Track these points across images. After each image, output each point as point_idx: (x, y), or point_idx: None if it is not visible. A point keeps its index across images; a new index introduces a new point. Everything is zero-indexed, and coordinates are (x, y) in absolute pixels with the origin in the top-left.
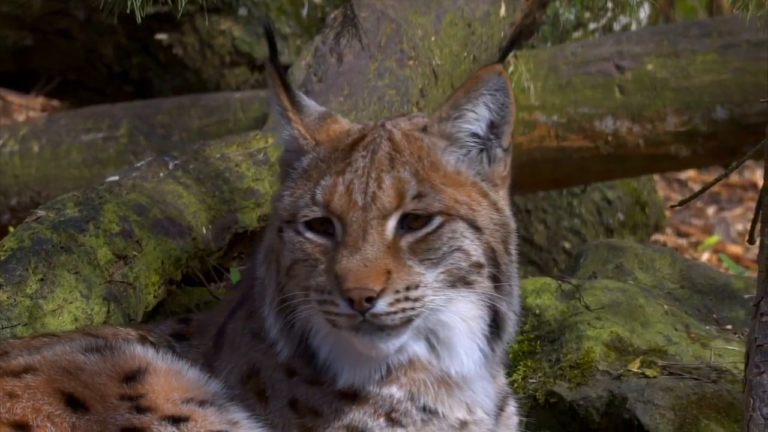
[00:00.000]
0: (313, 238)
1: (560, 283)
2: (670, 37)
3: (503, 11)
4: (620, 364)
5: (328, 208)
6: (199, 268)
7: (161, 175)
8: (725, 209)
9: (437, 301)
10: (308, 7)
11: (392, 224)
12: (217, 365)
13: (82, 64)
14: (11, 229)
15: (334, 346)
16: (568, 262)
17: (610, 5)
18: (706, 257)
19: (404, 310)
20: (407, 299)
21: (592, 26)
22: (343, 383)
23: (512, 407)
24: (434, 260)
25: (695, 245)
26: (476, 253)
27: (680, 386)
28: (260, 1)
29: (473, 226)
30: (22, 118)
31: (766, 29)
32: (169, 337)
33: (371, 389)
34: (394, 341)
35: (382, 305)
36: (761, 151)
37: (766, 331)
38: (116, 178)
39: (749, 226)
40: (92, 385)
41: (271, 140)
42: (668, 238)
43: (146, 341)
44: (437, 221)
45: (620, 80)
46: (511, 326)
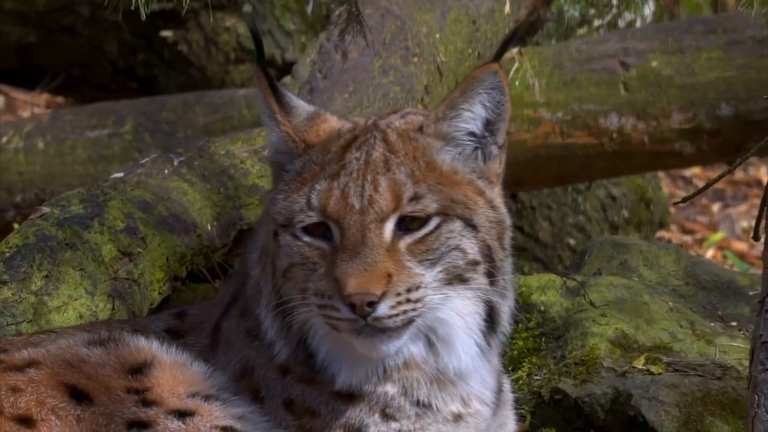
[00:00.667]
0: (310, 241)
1: (565, 279)
2: (674, 34)
3: (508, 8)
4: (625, 360)
5: (324, 213)
6: (204, 264)
7: (166, 171)
8: (730, 206)
9: (436, 299)
10: (313, 4)
11: (390, 227)
12: (213, 363)
13: (86, 60)
14: (16, 225)
15: (332, 347)
16: (572, 258)
17: (614, 2)
18: (710, 254)
19: (406, 311)
20: (408, 301)
21: (596, 23)
22: (341, 384)
23: (506, 385)
24: (432, 260)
25: (700, 242)
26: (473, 251)
27: (685, 383)
28: None
29: (470, 224)
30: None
31: None
32: (164, 333)
33: (367, 388)
34: (395, 342)
35: (383, 309)
36: (766, 147)
37: None
38: (121, 174)
39: (754, 223)
40: (96, 376)
41: None
42: (673, 235)
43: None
44: (435, 222)
45: (625, 77)
46: (506, 320)
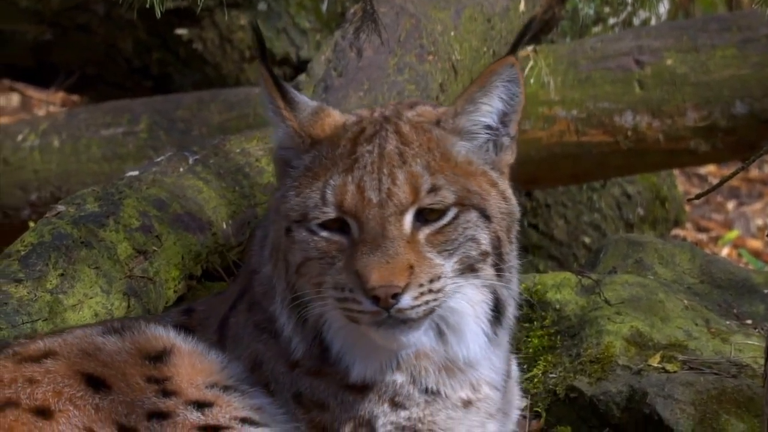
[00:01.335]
0: (327, 236)
1: (580, 278)
2: (689, 31)
3: (523, 6)
4: (640, 358)
5: (341, 208)
6: (219, 263)
7: (181, 170)
8: (745, 204)
9: (453, 289)
10: (328, 2)
11: (409, 219)
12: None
13: (101, 59)
14: (31, 224)
15: (346, 340)
16: (588, 257)
17: (629, 0)
18: (726, 252)
19: (428, 302)
20: (430, 291)
21: (611, 21)
22: (355, 377)
23: (514, 365)
24: (450, 250)
25: (715, 240)
26: (485, 242)
27: (700, 381)
28: None
29: (484, 215)
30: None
31: None
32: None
33: (378, 379)
34: (414, 333)
35: (407, 300)
36: None
37: None
38: (136, 173)
39: None
40: (112, 363)
41: None
42: (688, 233)
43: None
44: (452, 212)
45: (640, 75)
46: (510, 312)
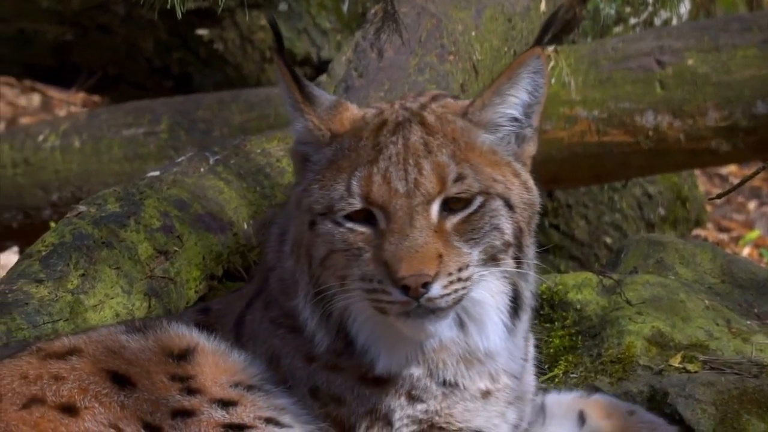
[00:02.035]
0: (353, 227)
1: (601, 278)
2: (710, 32)
3: (543, 6)
4: (661, 359)
5: (367, 199)
6: (240, 263)
7: (202, 170)
8: (766, 204)
9: (478, 279)
10: (349, 2)
11: (436, 208)
12: None
13: (122, 59)
14: (52, 224)
15: (372, 332)
16: (609, 257)
17: (650, 0)
18: (747, 252)
19: (456, 291)
20: (459, 280)
21: (632, 21)
22: (381, 369)
23: (531, 346)
24: (476, 239)
25: (736, 240)
26: (509, 231)
27: (721, 381)
28: None
29: (508, 204)
30: (63, 113)
31: None
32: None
33: (396, 372)
34: (442, 322)
35: (437, 289)
36: None
37: None
38: (157, 173)
39: None
40: (137, 361)
41: None
42: (709, 232)
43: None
44: (478, 201)
45: (661, 75)
46: (528, 305)
